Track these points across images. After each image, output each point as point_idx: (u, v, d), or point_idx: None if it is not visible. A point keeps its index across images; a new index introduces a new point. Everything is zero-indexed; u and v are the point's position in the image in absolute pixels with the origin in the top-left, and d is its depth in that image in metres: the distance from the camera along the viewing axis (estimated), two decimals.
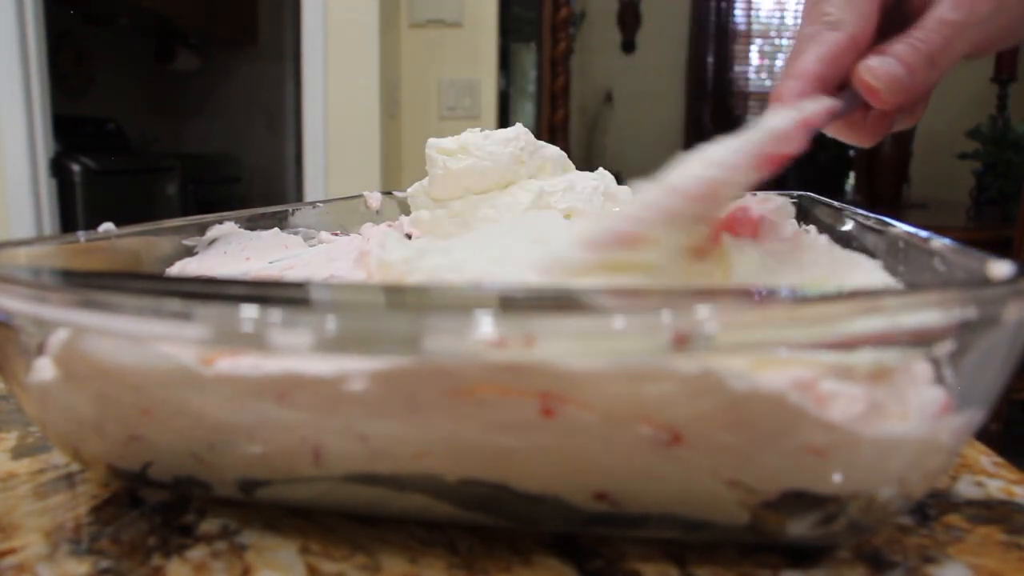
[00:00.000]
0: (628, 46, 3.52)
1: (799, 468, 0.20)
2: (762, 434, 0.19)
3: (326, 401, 0.20)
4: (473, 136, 0.42)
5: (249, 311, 0.19)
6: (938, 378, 0.20)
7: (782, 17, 3.63)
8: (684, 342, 0.17)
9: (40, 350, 0.23)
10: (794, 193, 0.51)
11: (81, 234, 0.33)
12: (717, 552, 0.22)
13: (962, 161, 2.41)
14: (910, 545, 0.23)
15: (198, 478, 0.24)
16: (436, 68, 2.05)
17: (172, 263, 0.39)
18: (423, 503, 0.22)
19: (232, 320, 0.19)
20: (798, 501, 0.20)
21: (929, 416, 0.19)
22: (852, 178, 2.87)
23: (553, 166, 0.44)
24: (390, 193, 0.56)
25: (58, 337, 0.22)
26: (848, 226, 0.38)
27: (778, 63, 3.67)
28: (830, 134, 0.35)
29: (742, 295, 0.18)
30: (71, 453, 0.26)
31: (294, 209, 0.48)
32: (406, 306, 0.19)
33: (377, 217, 0.55)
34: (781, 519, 0.21)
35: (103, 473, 0.26)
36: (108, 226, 0.35)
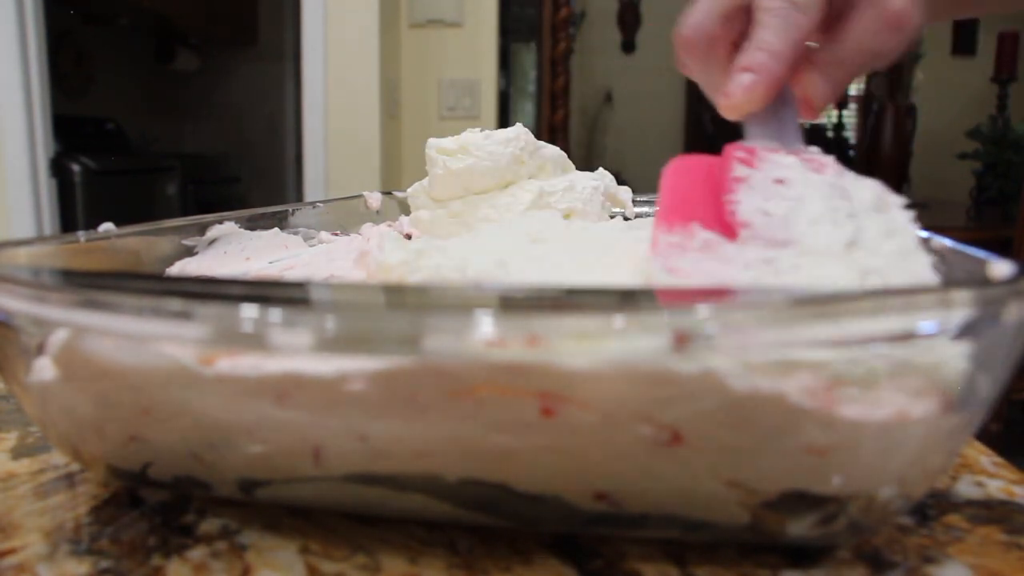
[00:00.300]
0: (628, 46, 3.52)
1: (799, 468, 0.20)
2: (762, 434, 0.19)
3: (326, 401, 0.20)
4: (473, 136, 0.42)
5: (249, 311, 0.19)
6: (938, 378, 0.20)
7: None
8: (684, 342, 0.17)
9: (40, 350, 0.23)
10: None
11: (81, 234, 0.33)
12: (717, 552, 0.22)
13: (962, 161, 2.42)
14: (910, 545, 0.23)
15: (198, 478, 0.24)
16: (436, 68, 2.05)
17: (172, 263, 0.40)
18: (423, 503, 0.22)
19: (232, 320, 0.19)
20: (798, 501, 0.20)
21: (929, 416, 0.19)
22: None
23: (553, 166, 0.44)
24: (390, 193, 0.56)
25: (58, 337, 0.22)
26: None
27: None
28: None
29: (742, 295, 0.18)
30: (71, 453, 0.26)
31: (294, 209, 0.48)
32: (406, 306, 0.19)
33: (377, 217, 0.55)
34: (781, 519, 0.21)
35: (103, 473, 0.26)
36: (108, 226, 0.35)
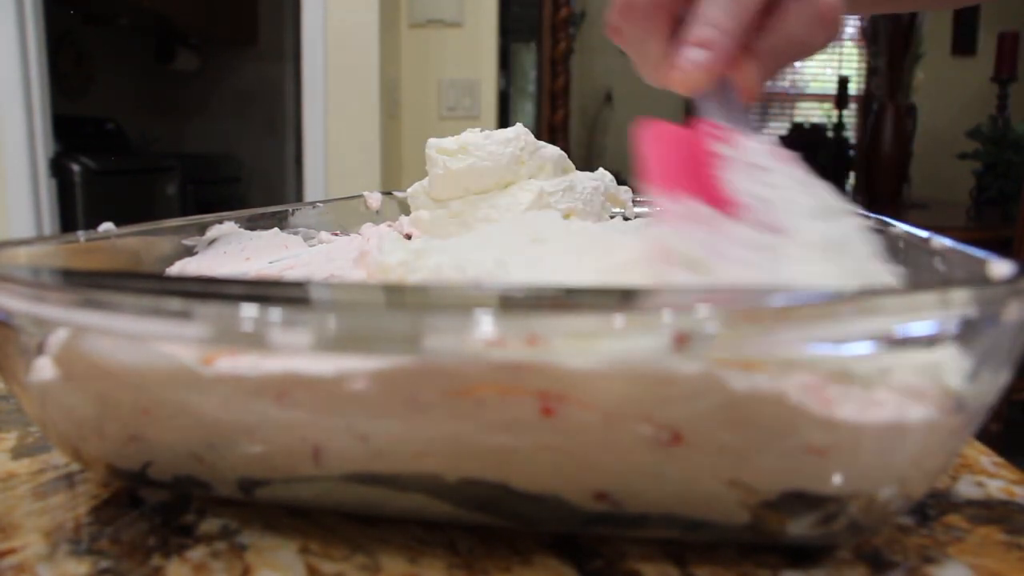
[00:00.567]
0: None
1: (799, 468, 0.20)
2: (762, 434, 0.19)
3: (326, 401, 0.20)
4: (473, 136, 0.42)
5: (249, 311, 0.19)
6: (938, 378, 0.20)
7: None
8: (684, 342, 0.17)
9: (40, 350, 0.23)
10: None
11: (81, 234, 0.33)
12: (717, 552, 0.22)
13: (962, 161, 2.41)
14: (910, 545, 0.23)
15: (198, 478, 0.24)
16: (436, 68, 2.05)
17: (172, 263, 0.40)
18: (423, 503, 0.22)
19: (232, 320, 0.19)
20: (798, 501, 0.20)
21: (929, 416, 0.19)
22: (852, 178, 2.87)
23: (553, 166, 0.44)
24: (390, 193, 0.56)
25: (58, 337, 0.22)
26: None
27: None
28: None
29: (742, 295, 0.18)
30: (71, 453, 0.26)
31: (294, 209, 0.48)
32: (406, 306, 0.19)
33: (377, 217, 0.55)
34: (781, 519, 0.21)
35: (103, 473, 0.26)
36: (108, 226, 0.35)
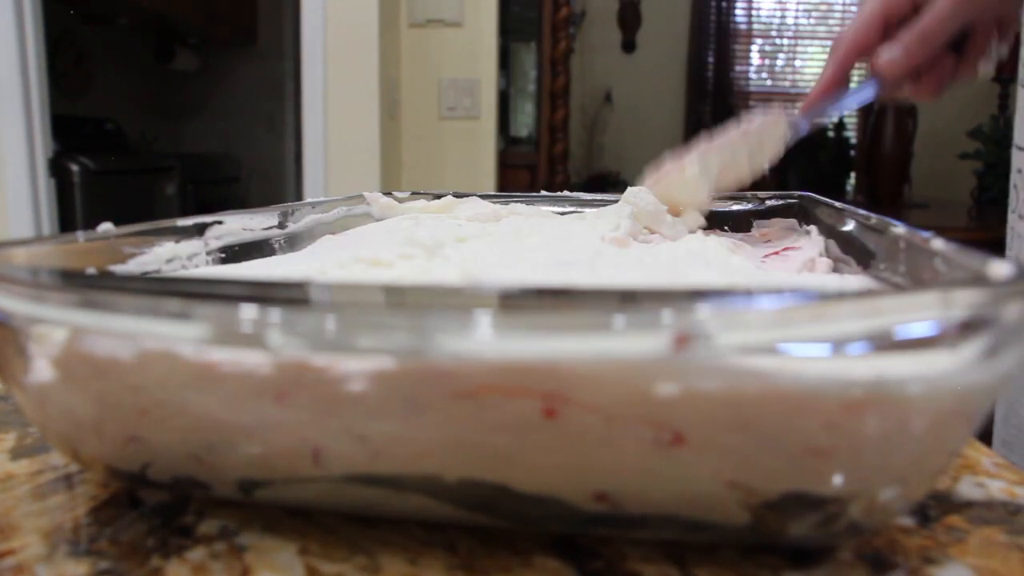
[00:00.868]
0: (628, 46, 3.52)
1: (800, 469, 0.19)
2: (763, 435, 0.19)
3: (326, 401, 0.20)
4: None
5: (248, 311, 0.19)
6: (939, 378, 0.20)
7: (783, 17, 3.63)
8: (684, 342, 0.17)
9: (39, 350, 0.23)
10: (795, 193, 0.51)
11: (80, 234, 0.33)
12: (718, 553, 0.22)
13: (963, 161, 2.41)
14: (911, 546, 0.23)
15: (197, 479, 0.24)
16: (436, 68, 2.05)
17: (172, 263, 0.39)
18: (423, 504, 0.22)
19: (232, 320, 0.19)
20: (799, 502, 0.20)
21: (930, 416, 0.19)
22: (853, 178, 2.87)
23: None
24: (390, 193, 0.56)
25: (57, 337, 0.22)
26: (849, 226, 0.38)
27: (779, 63, 3.67)
28: (903, 96, 0.50)
29: (743, 295, 0.18)
30: (70, 454, 0.26)
31: (293, 209, 0.48)
32: (406, 306, 0.19)
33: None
34: (782, 520, 0.20)
35: (102, 474, 0.26)
36: (107, 226, 0.34)
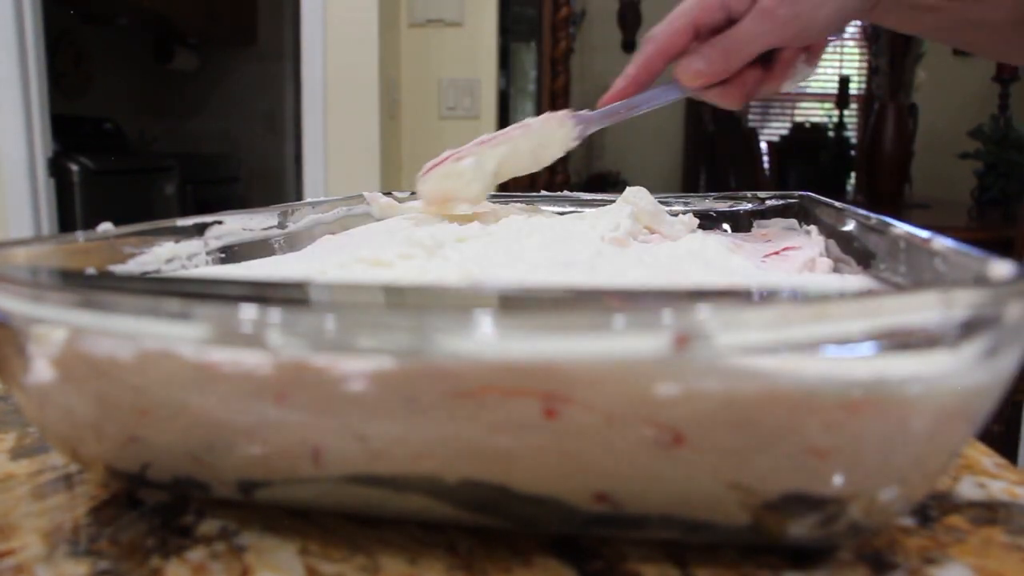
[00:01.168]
0: (628, 45, 3.52)
1: (800, 469, 0.19)
2: (763, 435, 0.19)
3: (326, 402, 0.20)
4: None
5: (248, 311, 0.19)
6: (939, 379, 0.20)
7: None
8: (684, 342, 0.17)
9: (38, 350, 0.23)
10: (795, 193, 0.51)
11: (80, 234, 0.33)
12: (718, 553, 0.22)
13: (964, 161, 2.41)
14: (911, 546, 0.23)
15: (197, 479, 0.24)
16: (436, 68, 2.05)
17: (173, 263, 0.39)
18: (423, 504, 0.22)
19: (231, 320, 0.19)
20: (799, 502, 0.20)
21: (931, 417, 0.19)
22: (853, 178, 2.87)
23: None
24: (390, 193, 0.56)
25: (57, 337, 0.22)
26: (849, 226, 0.38)
27: None
28: (706, 99, 0.48)
29: (743, 295, 0.18)
30: (69, 454, 0.26)
31: (293, 209, 0.48)
32: (406, 306, 0.19)
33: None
34: (782, 520, 0.20)
35: (102, 474, 0.26)
36: (107, 226, 0.34)
